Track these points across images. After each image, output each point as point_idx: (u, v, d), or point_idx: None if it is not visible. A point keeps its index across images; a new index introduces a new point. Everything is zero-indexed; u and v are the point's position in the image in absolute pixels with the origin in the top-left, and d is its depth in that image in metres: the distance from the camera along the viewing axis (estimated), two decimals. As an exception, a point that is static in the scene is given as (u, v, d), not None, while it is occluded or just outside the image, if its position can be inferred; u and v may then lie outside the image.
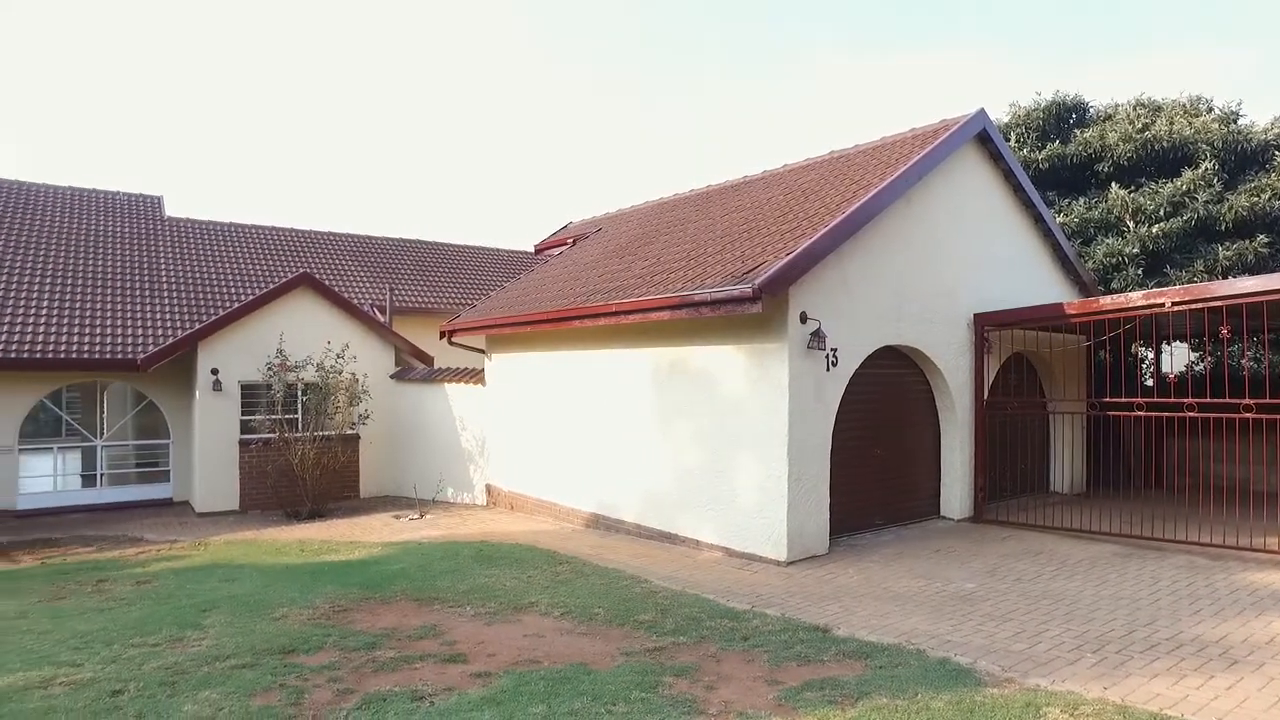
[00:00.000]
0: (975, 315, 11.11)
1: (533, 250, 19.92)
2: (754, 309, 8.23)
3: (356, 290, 19.18)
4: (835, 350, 9.18)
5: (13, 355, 13.66)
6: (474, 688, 5.24)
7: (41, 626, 7.10)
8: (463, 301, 20.08)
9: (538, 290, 13.61)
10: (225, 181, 71.90)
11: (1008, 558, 8.92)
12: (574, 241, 16.60)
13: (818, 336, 8.86)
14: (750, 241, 10.07)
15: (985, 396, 11.13)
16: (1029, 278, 12.10)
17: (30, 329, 14.40)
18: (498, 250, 24.72)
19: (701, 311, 8.90)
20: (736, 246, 10.14)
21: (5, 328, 14.22)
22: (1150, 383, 15.83)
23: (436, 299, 20.50)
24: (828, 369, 9.14)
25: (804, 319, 8.83)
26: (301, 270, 16.31)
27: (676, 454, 10.17)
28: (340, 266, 20.57)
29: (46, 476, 15.02)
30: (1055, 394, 12.89)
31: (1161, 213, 14.44)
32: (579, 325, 11.08)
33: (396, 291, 19.16)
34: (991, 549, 9.36)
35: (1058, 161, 16.30)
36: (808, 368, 8.91)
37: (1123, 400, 10.23)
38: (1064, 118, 17.17)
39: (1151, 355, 16.02)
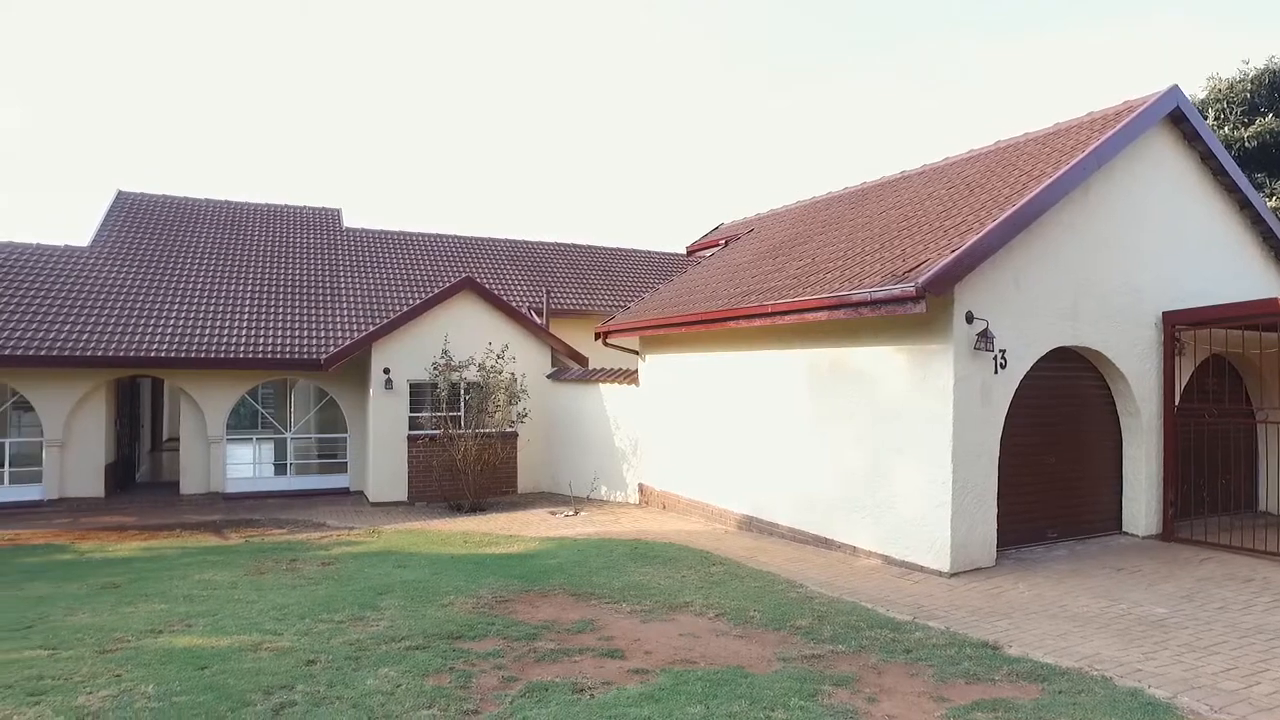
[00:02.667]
0: (1164, 314, 10.15)
1: (685, 252, 20.04)
2: (916, 309, 7.91)
3: (515, 293, 19.99)
4: (1004, 352, 8.67)
5: (224, 355, 15.22)
6: (632, 684, 5.32)
7: (248, 597, 7.85)
8: (617, 303, 20.50)
9: (691, 291, 13.68)
10: (396, 191, 77.00)
11: (1206, 582, 8.07)
12: (726, 243, 16.56)
13: (985, 337, 8.39)
14: (910, 239, 9.68)
15: (1176, 403, 10.15)
16: (1231, 271, 10.92)
17: (236, 332, 16.00)
18: (650, 252, 25.07)
19: (860, 312, 8.64)
20: (895, 244, 9.77)
21: (219, 331, 15.88)
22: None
23: (591, 301, 21.05)
24: (995, 371, 8.63)
25: (970, 319, 8.39)
26: (465, 275, 17.18)
27: (832, 457, 9.93)
28: (499, 270, 21.52)
29: (247, 464, 16.64)
30: (1266, 402, 11.54)
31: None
32: (734, 326, 11.04)
33: (552, 294, 19.81)
34: (1185, 571, 8.51)
35: (1269, 138, 14.60)
36: (974, 370, 8.45)
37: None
38: (1278, 87, 15.34)
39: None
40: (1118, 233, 9.81)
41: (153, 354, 14.88)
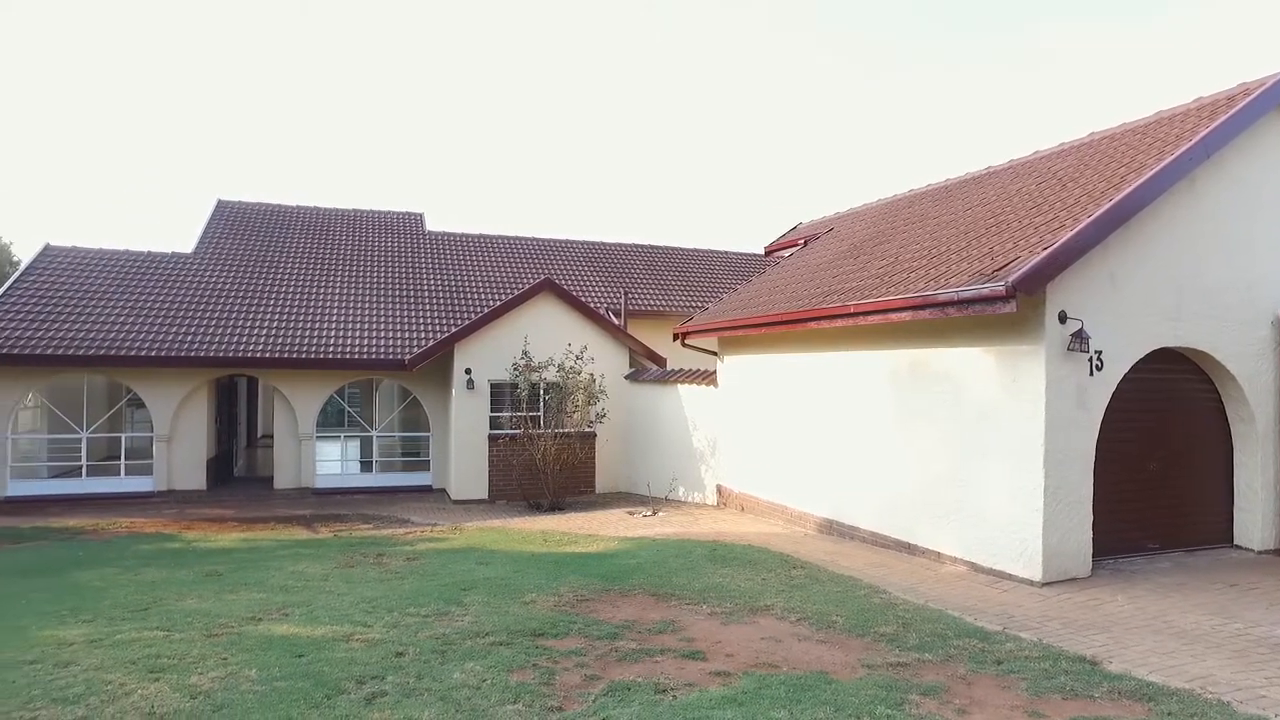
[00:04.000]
0: (1281, 313, 9.55)
1: (763, 252, 19.88)
2: (1006, 309, 7.65)
3: (592, 294, 20.18)
4: (1100, 353, 8.29)
5: (314, 356, 15.83)
6: (714, 686, 5.30)
7: (339, 589, 8.15)
8: (694, 304, 20.48)
9: (770, 292, 13.56)
10: (476, 195, 78.67)
11: (1334, 602, 7.54)
12: (805, 242, 16.35)
13: (1079, 338, 8.04)
14: (998, 236, 9.37)
15: (1294, 407, 9.52)
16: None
17: (325, 333, 16.63)
18: (727, 253, 24.97)
19: (946, 312, 8.40)
20: (983, 242, 9.47)
21: (309, 332, 16.54)
22: None
23: (668, 302, 21.09)
24: (1091, 373, 8.27)
25: (1063, 319, 8.06)
26: (544, 277, 17.43)
27: (916, 461, 9.69)
28: (577, 272, 21.76)
29: (335, 461, 17.27)
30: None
31: None
32: (814, 327, 10.89)
33: (630, 295, 19.92)
34: (1309, 589, 7.96)
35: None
36: (1067, 372, 8.12)
37: None
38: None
39: None
40: (1228, 227, 9.27)
41: (249, 354, 15.59)
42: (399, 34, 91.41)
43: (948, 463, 9.18)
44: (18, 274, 17.35)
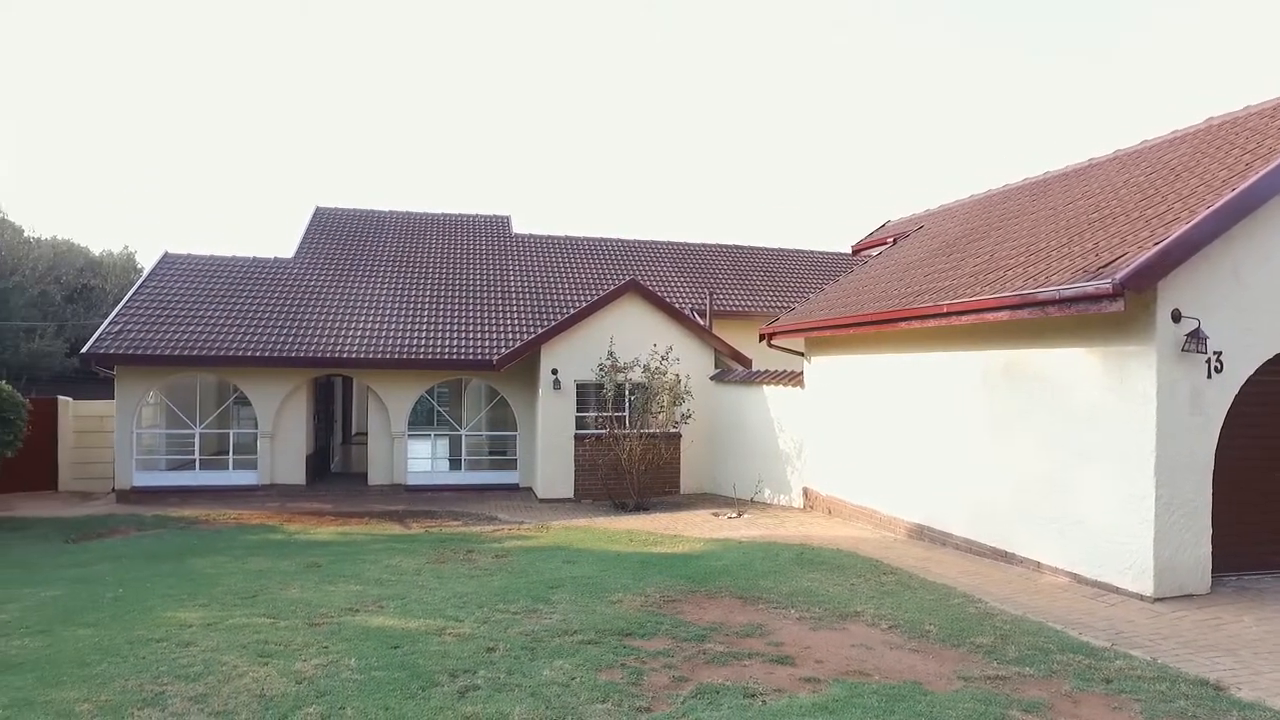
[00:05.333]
0: None
1: (850, 251, 19.49)
2: (1112, 307, 7.26)
3: (677, 295, 20.16)
4: (1219, 354, 7.78)
5: (406, 356, 16.34)
6: (804, 692, 5.21)
7: (431, 584, 8.37)
8: (780, 304, 20.23)
9: (858, 292, 13.28)
10: (562, 198, 79.83)
11: None
12: (894, 241, 15.95)
13: (1195, 338, 7.57)
14: (1103, 231, 8.91)
15: None
16: None
17: (416, 334, 17.13)
18: (813, 252, 24.59)
19: (1046, 311, 8.05)
20: (1086, 237, 9.03)
21: (401, 334, 17.07)
22: None
23: (753, 302, 20.91)
24: (1209, 375, 7.77)
25: (1176, 317, 7.60)
26: (629, 278, 17.50)
27: (1012, 466, 9.32)
28: (662, 273, 21.78)
29: (425, 459, 17.77)
30: None
31: None
32: (905, 327, 10.61)
33: (715, 295, 19.83)
34: None
35: None
36: (1181, 374, 7.65)
37: None
38: None
39: None
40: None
41: (345, 355, 16.20)
42: (490, 40, 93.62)
43: (1047, 469, 8.79)
44: (140, 281, 18.50)
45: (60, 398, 17.72)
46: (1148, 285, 7.32)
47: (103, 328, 16.25)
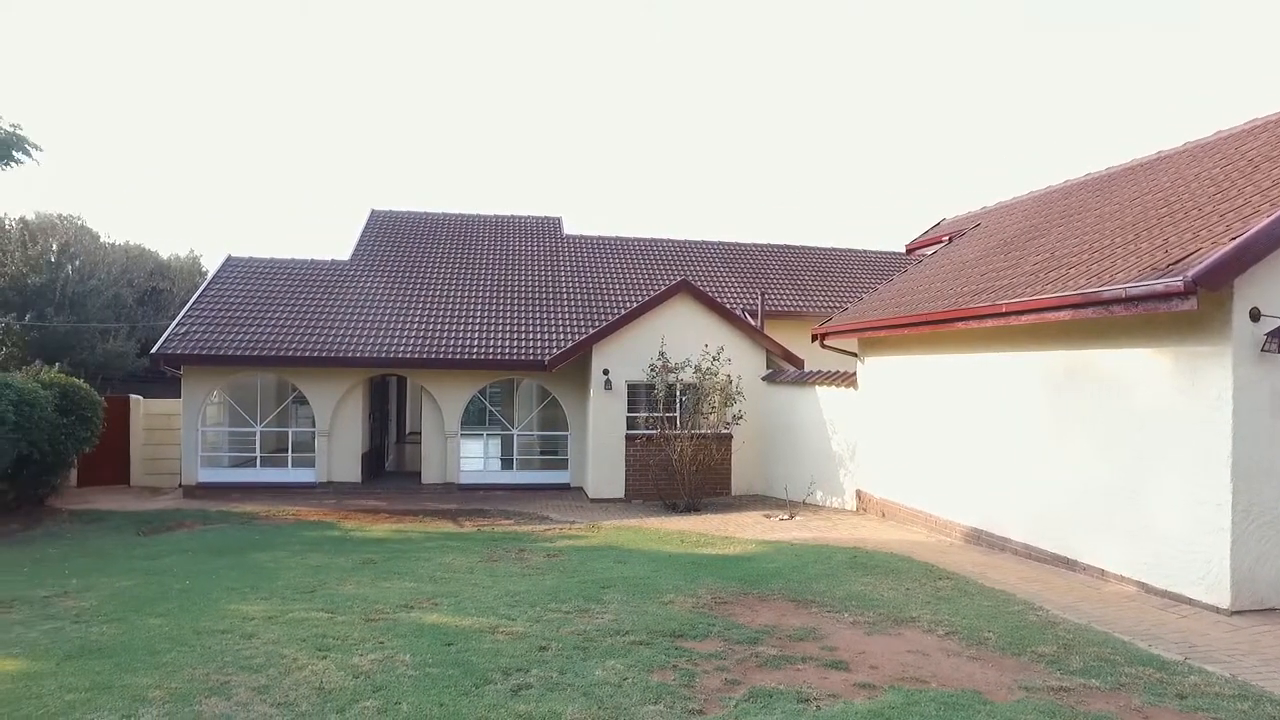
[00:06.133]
0: None
1: (904, 250, 19.15)
2: (1184, 306, 6.99)
3: (728, 295, 20.05)
4: (1301, 354, 7.43)
5: (459, 356, 16.56)
6: (859, 698, 5.12)
7: (484, 582, 8.46)
8: (832, 304, 19.99)
9: (913, 291, 13.04)
10: (612, 199, 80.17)
11: None
12: (949, 239, 15.61)
13: (1277, 337, 7.24)
14: (1173, 226, 8.59)
15: None
16: None
17: (469, 335, 17.35)
18: (866, 252, 24.24)
19: (1111, 310, 7.78)
20: (1154, 233, 8.71)
21: (454, 334, 17.30)
22: None
23: (805, 302, 20.69)
24: (1290, 377, 7.42)
25: (1255, 316, 7.27)
26: (680, 278, 17.46)
27: (1075, 470, 9.03)
28: (713, 273, 21.69)
29: (477, 458, 17.97)
30: None
31: None
32: (961, 327, 10.37)
33: (766, 296, 19.68)
34: None
35: None
36: (1260, 376, 7.31)
37: None
38: None
39: None
40: None
41: (399, 355, 16.49)
42: (543, 42, 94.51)
43: (1112, 473, 8.50)
44: (206, 283, 19.10)
45: (132, 396, 18.40)
46: (1223, 282, 7.02)
47: (170, 329, 16.83)
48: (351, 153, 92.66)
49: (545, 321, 18.22)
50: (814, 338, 14.87)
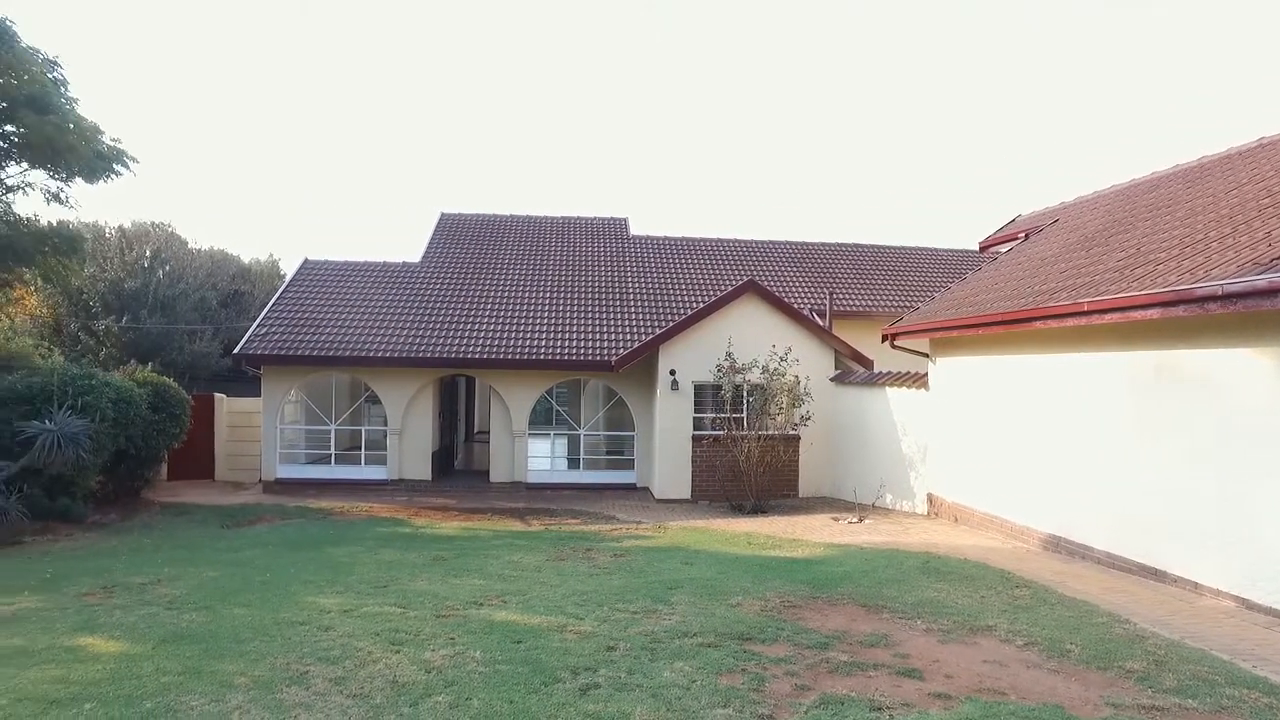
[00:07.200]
0: None
1: (977, 248, 18.61)
2: (1290, 303, 6.60)
3: (796, 295, 19.81)
4: None
5: (527, 357, 16.76)
6: (934, 708, 4.98)
7: (551, 581, 8.52)
8: (903, 304, 19.56)
9: (987, 290, 12.65)
10: (680, 199, 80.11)
11: None
12: (1025, 236, 15.10)
13: (1389, 337, 6.78)
14: (1277, 218, 8.12)
15: None
16: None
17: (537, 335, 17.53)
18: (937, 250, 23.65)
19: (1206, 308, 7.40)
20: (1255, 226, 8.26)
21: (522, 335, 17.52)
22: None
23: (875, 302, 20.30)
24: (1405, 380, 6.95)
25: (1367, 315, 6.83)
26: (747, 278, 17.31)
27: (1164, 475, 8.62)
28: (781, 273, 21.45)
29: (545, 457, 18.14)
30: None
31: None
32: (1039, 327, 10.02)
33: (835, 295, 19.38)
34: None
35: None
36: (1370, 378, 6.87)
37: None
38: None
39: None
40: None
41: (469, 355, 16.76)
42: (611, 43, 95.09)
43: (1208, 480, 8.08)
44: (284, 286, 19.78)
45: (217, 395, 19.16)
46: (1335, 278, 6.61)
47: (250, 330, 17.47)
48: (423, 157, 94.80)
49: (612, 322, 18.29)
50: (884, 338, 14.57)
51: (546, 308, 18.80)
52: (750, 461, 14.53)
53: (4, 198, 15.82)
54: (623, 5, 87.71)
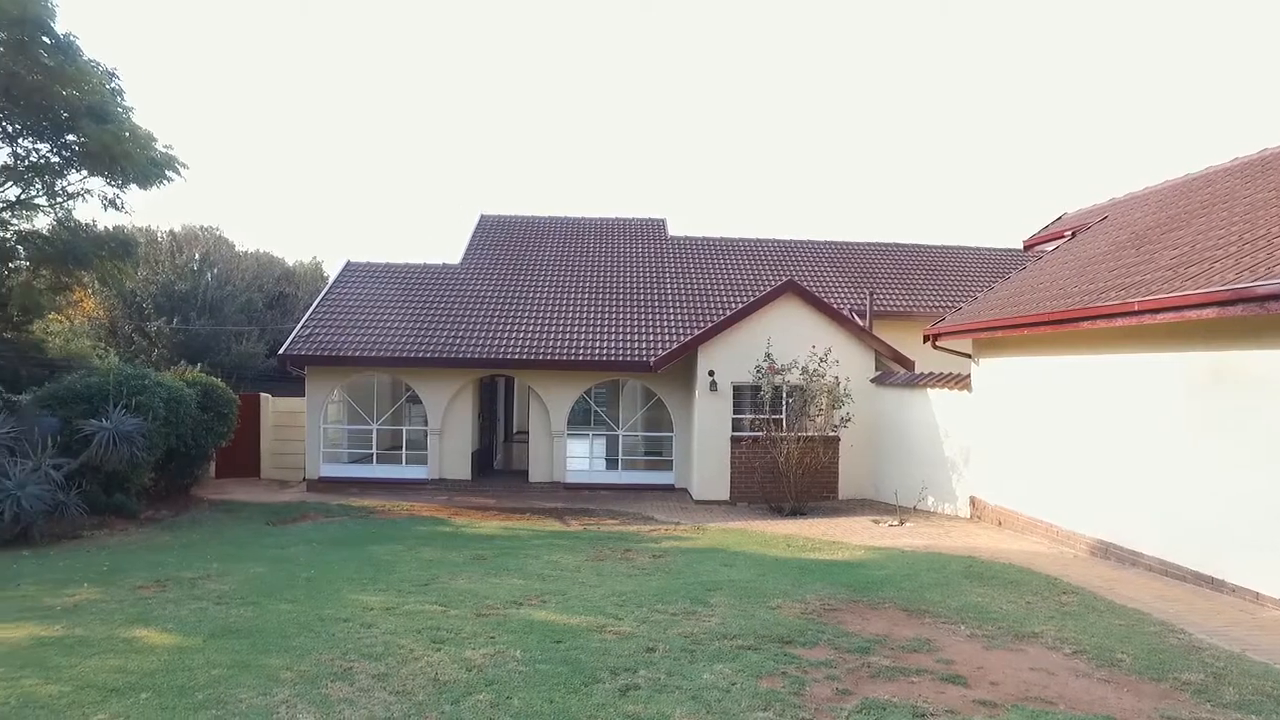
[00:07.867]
0: None
1: (1021, 247, 18.26)
2: (1355, 302, 6.36)
3: (835, 295, 19.62)
4: None
5: (565, 358, 16.84)
6: (979, 716, 4.89)
7: (590, 581, 8.55)
8: (945, 304, 19.27)
9: (1032, 289, 12.40)
10: (718, 200, 79.92)
11: None
12: (1072, 234, 14.77)
13: None
14: (1340, 216, 7.84)
15: None
16: None
17: (575, 336, 17.61)
18: (980, 249, 23.26)
19: (1267, 307, 7.16)
20: (1317, 224, 7.98)
21: (561, 335, 17.61)
22: None
23: (916, 302, 20.03)
24: None
25: None
26: (786, 278, 17.19)
27: (1222, 480, 8.35)
28: (820, 273, 21.27)
29: (583, 458, 18.21)
30: None
31: None
32: (1087, 327, 9.79)
33: (875, 295, 19.16)
34: None
35: None
36: None
37: None
38: None
39: None
40: None
41: (508, 356, 16.90)
42: (646, 43, 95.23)
43: (1266, 485, 7.81)
44: (327, 288, 20.13)
45: (262, 394, 19.57)
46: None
47: (295, 331, 17.81)
48: (463, 159, 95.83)
49: (650, 323, 18.29)
50: (925, 338, 14.36)
51: (585, 308, 18.87)
52: (789, 463, 14.42)
53: (65, 204, 16.36)
54: (663, 6, 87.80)
